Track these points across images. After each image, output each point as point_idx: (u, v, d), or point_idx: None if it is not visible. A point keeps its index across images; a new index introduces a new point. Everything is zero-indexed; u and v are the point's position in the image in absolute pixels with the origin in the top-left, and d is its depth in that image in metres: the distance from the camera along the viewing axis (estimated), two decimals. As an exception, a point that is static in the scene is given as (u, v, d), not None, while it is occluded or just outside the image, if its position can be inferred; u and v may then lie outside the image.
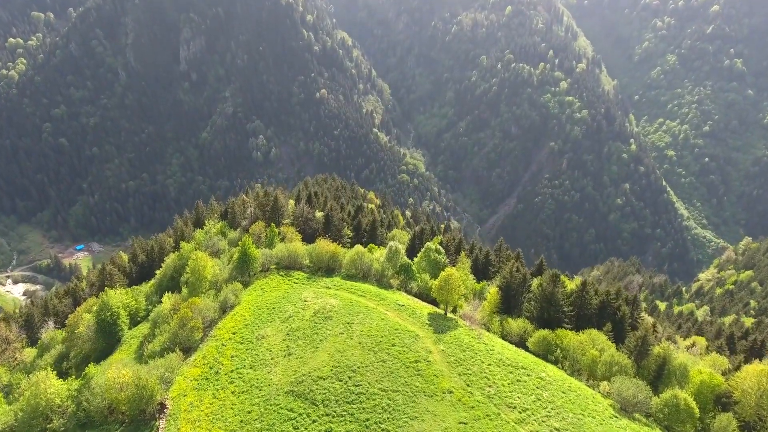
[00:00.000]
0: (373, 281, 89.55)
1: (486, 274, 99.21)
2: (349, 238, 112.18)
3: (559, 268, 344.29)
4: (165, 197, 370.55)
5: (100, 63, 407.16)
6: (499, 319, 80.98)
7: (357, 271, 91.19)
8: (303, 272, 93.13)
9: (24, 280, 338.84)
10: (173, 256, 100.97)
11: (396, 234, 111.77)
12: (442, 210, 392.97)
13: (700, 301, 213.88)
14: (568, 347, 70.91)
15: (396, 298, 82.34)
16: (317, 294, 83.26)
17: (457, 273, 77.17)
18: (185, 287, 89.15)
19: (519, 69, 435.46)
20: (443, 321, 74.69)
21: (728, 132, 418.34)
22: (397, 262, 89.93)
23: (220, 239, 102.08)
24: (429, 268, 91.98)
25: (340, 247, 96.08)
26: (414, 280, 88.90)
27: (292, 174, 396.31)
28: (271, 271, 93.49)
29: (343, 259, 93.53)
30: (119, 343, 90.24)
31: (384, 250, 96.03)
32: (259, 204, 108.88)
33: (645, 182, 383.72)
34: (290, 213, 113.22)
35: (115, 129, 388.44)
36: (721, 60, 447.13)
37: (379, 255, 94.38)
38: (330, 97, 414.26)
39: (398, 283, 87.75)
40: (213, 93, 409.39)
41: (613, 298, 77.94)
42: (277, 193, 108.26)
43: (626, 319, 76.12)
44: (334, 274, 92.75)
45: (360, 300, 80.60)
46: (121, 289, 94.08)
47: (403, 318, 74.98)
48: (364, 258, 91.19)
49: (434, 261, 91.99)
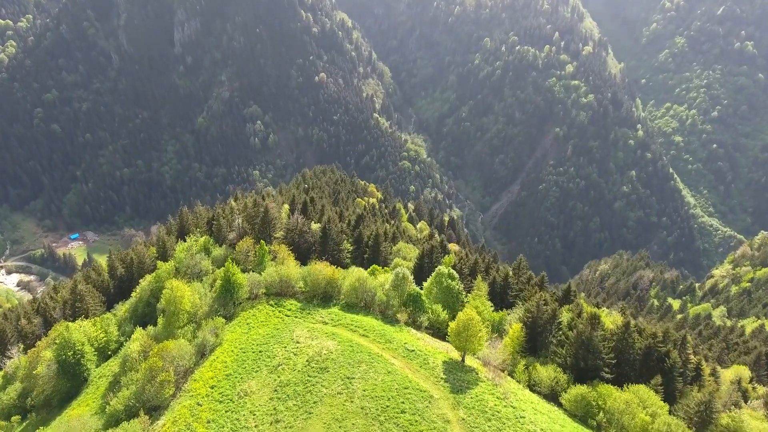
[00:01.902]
0: (376, 313, 76.39)
1: (504, 299, 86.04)
2: (349, 252, 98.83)
3: (562, 257, 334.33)
4: (161, 185, 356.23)
5: (92, 45, 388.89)
6: (524, 363, 68.02)
7: (358, 299, 78.03)
8: (296, 300, 79.87)
9: (18, 271, 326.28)
10: (149, 278, 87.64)
11: (402, 248, 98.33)
12: (444, 198, 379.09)
13: (716, 300, 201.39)
14: (613, 409, 58.00)
15: (404, 338, 69.19)
16: (312, 332, 70.13)
17: (478, 315, 63.85)
18: (161, 317, 76.05)
19: (524, 52, 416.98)
20: (461, 373, 61.62)
21: (737, 117, 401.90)
22: (404, 290, 76.66)
23: (203, 258, 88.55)
24: (441, 297, 78.83)
25: (339, 270, 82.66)
26: (424, 312, 75.75)
27: (291, 160, 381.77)
28: (260, 299, 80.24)
29: (342, 285, 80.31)
30: (86, 382, 77.55)
31: (389, 274, 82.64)
32: (247, 216, 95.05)
33: (651, 169, 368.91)
34: (283, 224, 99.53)
35: (109, 114, 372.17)
36: (731, 42, 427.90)
37: (383, 280, 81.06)
38: (329, 81, 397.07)
39: (406, 318, 74.52)
40: (209, 77, 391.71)
41: (660, 342, 64.98)
42: (267, 203, 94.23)
43: (677, 369, 63.28)
44: (332, 302, 79.56)
45: (362, 342, 67.47)
46: (87, 321, 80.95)
47: (413, 369, 61.91)
48: (366, 285, 77.93)
49: (447, 288, 78.75)
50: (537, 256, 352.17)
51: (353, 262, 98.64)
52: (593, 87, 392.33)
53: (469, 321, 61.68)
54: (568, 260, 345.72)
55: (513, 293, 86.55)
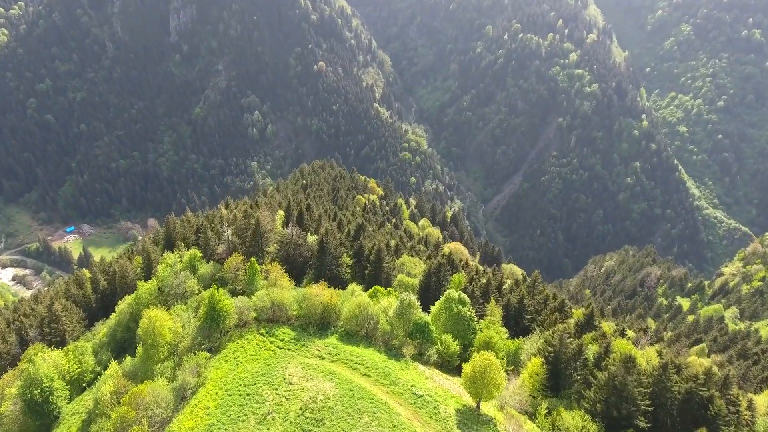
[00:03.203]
0: (379, 344, 67.69)
1: (519, 322, 77.42)
2: (349, 266, 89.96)
3: (565, 250, 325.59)
4: (157, 177, 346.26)
5: (85, 33, 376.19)
6: (546, 407, 59.47)
7: (359, 327, 69.32)
8: (290, 328, 71.13)
9: (13, 265, 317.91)
10: (129, 300, 78.90)
11: (406, 263, 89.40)
12: (445, 189, 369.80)
13: (727, 301, 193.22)
14: (654, 471, 49.59)
15: (411, 378, 60.56)
16: (307, 370, 61.45)
17: (496, 360, 55.13)
18: (140, 346, 67.46)
19: (527, 40, 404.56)
20: (477, 426, 53.11)
21: (743, 107, 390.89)
22: (410, 319, 67.91)
23: (188, 276, 79.68)
24: (451, 324, 70.09)
25: (337, 293, 73.84)
26: (432, 343, 67.10)
27: (289, 151, 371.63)
28: (250, 326, 71.48)
29: (341, 310, 71.61)
30: (57, 419, 69.16)
31: (392, 298, 73.87)
32: (237, 229, 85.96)
33: (656, 160, 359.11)
34: (277, 235, 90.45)
35: (104, 105, 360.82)
36: (738, 30, 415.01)
37: (386, 305, 72.22)
38: (328, 70, 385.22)
39: (412, 351, 65.80)
40: (205, 66, 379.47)
41: (702, 385, 56.53)
42: (258, 215, 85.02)
43: (722, 417, 54.87)
44: (330, 330, 70.83)
45: (363, 384, 58.82)
46: (58, 351, 72.26)
47: (422, 421, 53.36)
48: (367, 311, 69.15)
49: (457, 315, 70.00)
50: (539, 248, 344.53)
51: (353, 278, 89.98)
52: (597, 76, 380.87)
53: (487, 367, 53.01)
54: (570, 253, 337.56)
55: (529, 316, 77.91)
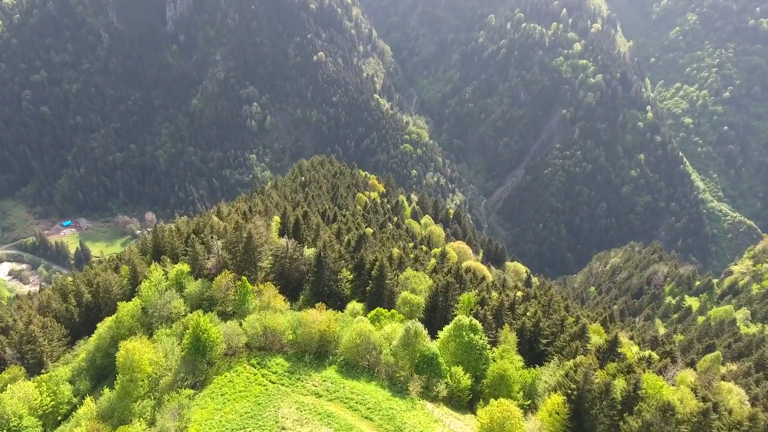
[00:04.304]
0: (382, 377, 60.69)
1: (534, 348, 70.32)
2: (349, 281, 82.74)
3: (568, 244, 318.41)
4: (155, 170, 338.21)
5: (80, 23, 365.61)
6: (570, 454, 52.63)
7: (360, 357, 62.25)
8: (284, 357, 64.02)
9: (9, 259, 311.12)
10: (109, 322, 71.76)
11: (410, 278, 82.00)
12: (447, 182, 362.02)
13: (737, 301, 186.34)
14: None
15: (418, 421, 53.55)
16: (302, 411, 54.45)
17: (517, 410, 48.09)
18: (119, 378, 60.37)
19: (530, 29, 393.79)
20: (495, 485, 46.20)
21: (749, 98, 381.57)
22: (417, 350, 60.80)
23: (174, 296, 72.45)
24: (461, 354, 62.93)
25: (336, 318, 66.65)
26: (441, 377, 60.03)
27: (288, 144, 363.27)
28: (240, 355, 64.35)
29: (340, 336, 64.53)
30: (29, 458, 62.32)
31: (396, 324, 66.74)
32: (227, 244, 78.52)
33: (661, 153, 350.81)
34: (271, 247, 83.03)
35: (100, 96, 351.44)
36: (745, 20, 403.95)
37: (390, 332, 65.08)
38: (328, 60, 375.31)
39: (419, 388, 58.73)
40: (203, 56, 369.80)
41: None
42: (250, 228, 77.47)
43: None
44: (328, 359, 63.77)
45: (365, 430, 51.89)
46: (29, 383, 65.20)
47: (432, 480, 46.47)
48: (369, 340, 62.01)
49: (468, 344, 62.84)
50: (542, 242, 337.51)
51: (353, 293, 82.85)
52: (601, 66, 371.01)
53: (506, 419, 45.95)
54: (573, 247, 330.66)
55: (545, 340, 70.78)
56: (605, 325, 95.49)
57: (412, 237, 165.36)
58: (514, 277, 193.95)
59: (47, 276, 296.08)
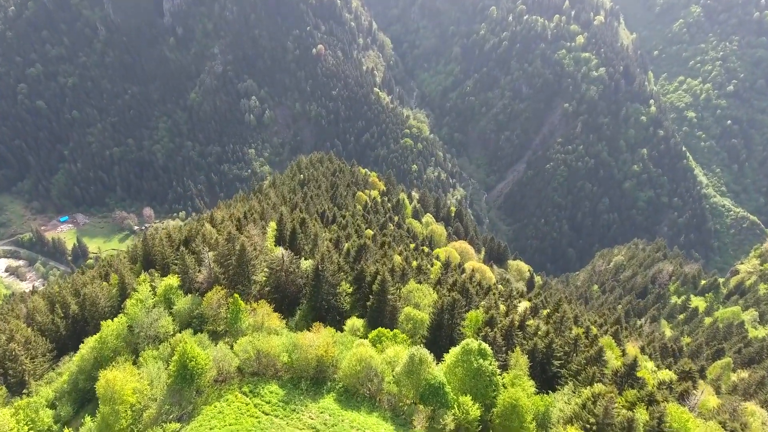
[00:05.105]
0: (384, 407, 55.80)
1: (546, 369, 65.32)
2: (348, 294, 77.64)
3: (570, 239, 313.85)
4: (152, 165, 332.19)
5: (76, 16, 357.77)
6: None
7: (360, 384, 57.29)
8: (278, 384, 59.01)
9: (5, 256, 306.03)
10: (91, 342, 66.68)
11: (414, 291, 76.97)
12: (448, 177, 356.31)
13: (744, 302, 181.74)
14: None
15: (424, 462, 48.79)
16: (297, 448, 49.66)
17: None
18: (101, 407, 55.37)
19: (532, 22, 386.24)
20: None
21: (754, 92, 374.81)
22: (421, 378, 55.80)
23: (162, 315, 67.37)
24: (469, 381, 57.89)
25: (334, 339, 61.62)
26: (448, 408, 55.07)
27: (288, 138, 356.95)
28: (231, 381, 59.33)
29: (340, 360, 59.56)
30: (5, 492, 57.59)
31: (400, 347, 61.68)
32: (218, 257, 73.27)
33: (664, 147, 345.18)
34: (266, 258, 77.82)
35: (96, 90, 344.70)
36: (750, 12, 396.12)
37: (392, 355, 60.05)
38: (327, 54, 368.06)
39: (424, 422, 53.80)
40: (201, 49, 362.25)
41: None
42: (243, 240, 72.19)
43: None
44: (326, 386, 58.78)
45: (366, 473, 47.07)
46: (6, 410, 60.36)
47: None
48: (370, 366, 57.01)
49: (477, 370, 57.81)
50: (543, 237, 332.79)
51: (353, 308, 77.74)
52: (604, 60, 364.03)
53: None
54: (575, 242, 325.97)
55: (558, 362, 65.78)
56: (617, 338, 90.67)
57: (414, 237, 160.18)
58: (517, 276, 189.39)
59: (44, 272, 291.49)
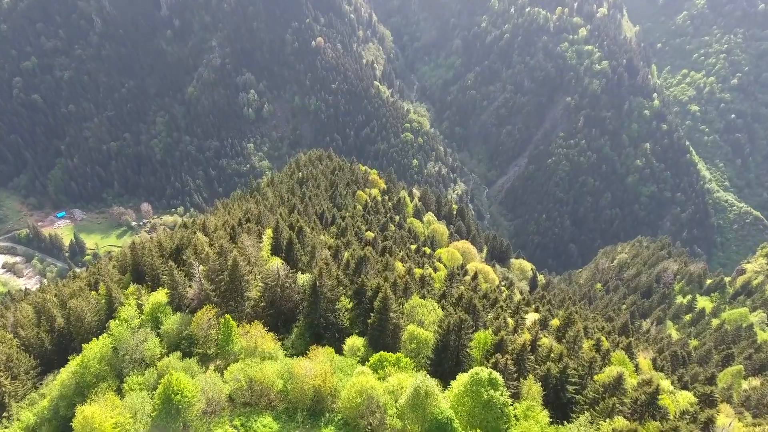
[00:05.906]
0: (387, 443, 51.07)
1: (560, 396, 60.52)
2: (348, 310, 72.67)
3: (572, 235, 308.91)
4: (150, 160, 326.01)
5: (72, 8, 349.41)
6: None
7: (360, 417, 52.50)
8: (272, 416, 54.24)
9: (2, 252, 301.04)
10: (73, 365, 61.77)
11: (417, 307, 72.10)
12: (449, 171, 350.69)
13: (752, 302, 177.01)
14: None
15: None
16: (291, 495, 44.89)
17: None
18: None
19: (534, 14, 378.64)
20: None
21: (758, 85, 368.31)
22: (427, 413, 50.97)
23: (149, 336, 62.44)
24: (479, 415, 53.11)
25: (332, 366, 56.77)
26: (456, 445, 50.36)
27: (287, 132, 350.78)
28: (221, 414, 54.54)
29: (339, 389, 54.76)
30: None
31: (404, 375, 56.80)
32: (209, 272, 68.15)
33: (667, 141, 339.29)
34: (261, 273, 72.75)
35: (93, 84, 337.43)
36: (754, 4, 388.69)
37: (396, 384, 55.25)
38: (327, 46, 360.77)
39: (431, 461, 49.20)
40: (198, 42, 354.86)
41: None
42: (235, 254, 67.02)
43: None
44: (324, 418, 54.08)
45: None
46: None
47: None
48: (371, 398, 52.15)
49: (488, 402, 52.98)
50: (545, 233, 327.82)
51: (353, 324, 72.76)
52: (607, 53, 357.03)
53: None
54: (577, 238, 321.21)
55: (573, 387, 60.94)
56: (629, 351, 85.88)
57: (415, 238, 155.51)
58: (520, 276, 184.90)
59: (41, 269, 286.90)
